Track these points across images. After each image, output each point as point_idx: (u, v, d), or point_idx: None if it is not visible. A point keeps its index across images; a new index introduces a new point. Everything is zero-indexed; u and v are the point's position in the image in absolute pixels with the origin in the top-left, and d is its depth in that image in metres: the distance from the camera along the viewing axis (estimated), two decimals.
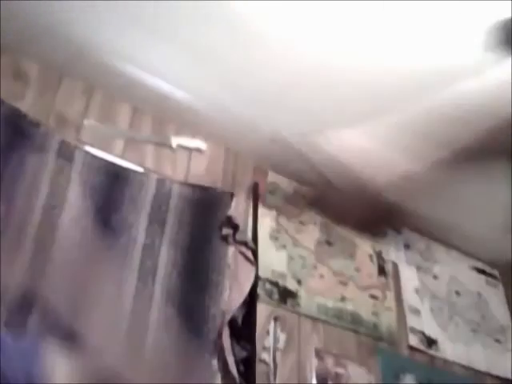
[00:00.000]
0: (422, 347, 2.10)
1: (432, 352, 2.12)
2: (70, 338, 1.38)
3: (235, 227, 1.81)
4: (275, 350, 1.72)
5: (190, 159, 1.96)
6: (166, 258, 1.66)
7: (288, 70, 1.73)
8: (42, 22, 1.64)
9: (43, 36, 1.69)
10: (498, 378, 2.22)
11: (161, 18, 1.59)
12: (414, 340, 2.10)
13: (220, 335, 1.60)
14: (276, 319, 1.80)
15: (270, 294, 1.84)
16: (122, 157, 1.79)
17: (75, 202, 1.57)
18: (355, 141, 1.87)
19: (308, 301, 1.92)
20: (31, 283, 1.39)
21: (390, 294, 2.16)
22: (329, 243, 2.12)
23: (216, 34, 1.64)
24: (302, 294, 1.92)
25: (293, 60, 1.70)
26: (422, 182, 2.13)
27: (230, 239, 1.80)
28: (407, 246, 2.37)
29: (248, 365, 1.61)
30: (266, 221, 1.99)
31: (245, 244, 1.81)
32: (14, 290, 1.35)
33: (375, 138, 1.91)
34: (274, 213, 2.04)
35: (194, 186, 1.86)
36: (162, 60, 1.76)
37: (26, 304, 1.36)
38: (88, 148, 1.72)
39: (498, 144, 1.77)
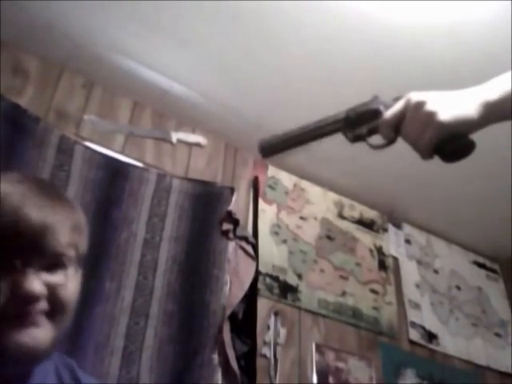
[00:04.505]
0: (422, 341, 2.11)
1: (432, 346, 2.13)
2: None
3: (235, 222, 1.81)
4: (276, 344, 1.72)
5: (190, 154, 1.96)
6: (166, 252, 1.66)
7: (288, 66, 1.73)
8: (42, 18, 1.64)
9: (43, 31, 1.68)
10: (498, 372, 2.23)
11: (161, 12, 1.59)
12: (414, 334, 2.11)
13: (220, 330, 1.60)
14: (276, 314, 1.80)
15: (270, 289, 1.84)
16: (122, 152, 1.79)
17: (75, 197, 1.56)
18: None
19: (308, 295, 1.92)
20: None
21: (391, 289, 2.16)
22: (329, 238, 2.12)
23: (216, 30, 1.63)
24: (303, 288, 1.92)
25: (294, 56, 1.69)
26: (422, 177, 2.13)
27: (231, 234, 1.79)
28: (408, 241, 2.37)
29: (249, 359, 1.61)
30: (267, 215, 1.99)
31: (245, 239, 1.81)
32: None
33: None
34: (274, 207, 2.04)
35: (194, 181, 1.85)
36: (162, 55, 1.75)
37: None
38: (88, 143, 1.72)
39: None
